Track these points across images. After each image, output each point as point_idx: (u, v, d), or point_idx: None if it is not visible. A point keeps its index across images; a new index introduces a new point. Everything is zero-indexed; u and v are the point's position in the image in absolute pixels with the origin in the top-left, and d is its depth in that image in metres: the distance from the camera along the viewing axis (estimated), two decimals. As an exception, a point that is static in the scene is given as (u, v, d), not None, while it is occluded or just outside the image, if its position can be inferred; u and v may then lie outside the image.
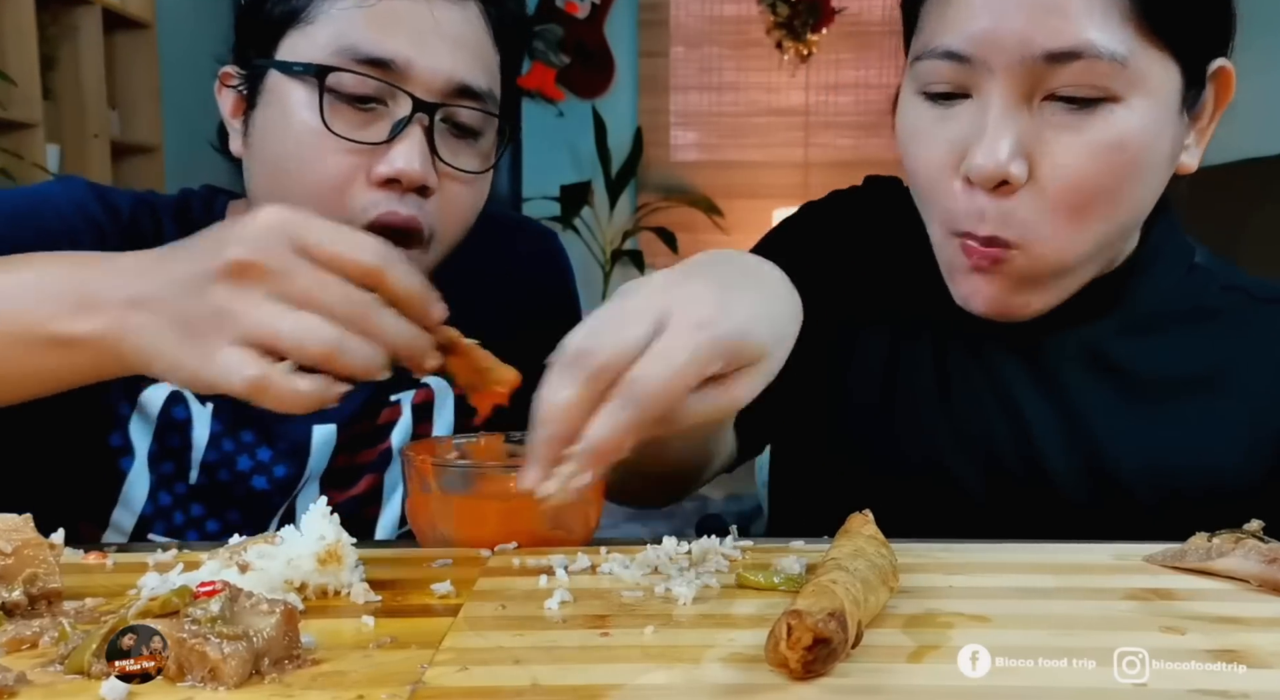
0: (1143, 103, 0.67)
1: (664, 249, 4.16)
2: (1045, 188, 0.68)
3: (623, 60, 4.35)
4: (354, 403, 0.86)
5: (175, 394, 0.83)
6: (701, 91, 4.38)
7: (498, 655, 0.46)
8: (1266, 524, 0.60)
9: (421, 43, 0.76)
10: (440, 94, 0.77)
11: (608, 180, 4.24)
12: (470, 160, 0.80)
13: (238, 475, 0.84)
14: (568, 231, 4.21)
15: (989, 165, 0.67)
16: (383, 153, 0.76)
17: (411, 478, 0.65)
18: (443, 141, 0.78)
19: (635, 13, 4.33)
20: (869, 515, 0.59)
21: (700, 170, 4.38)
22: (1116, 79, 0.66)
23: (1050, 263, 0.71)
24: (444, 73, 0.76)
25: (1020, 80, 0.67)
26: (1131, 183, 0.70)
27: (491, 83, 0.81)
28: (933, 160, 0.72)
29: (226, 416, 0.84)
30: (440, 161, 0.77)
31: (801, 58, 4.29)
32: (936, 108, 0.72)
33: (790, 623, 0.42)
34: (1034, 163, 0.68)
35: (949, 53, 0.69)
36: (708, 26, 4.35)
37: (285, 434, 0.85)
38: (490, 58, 0.81)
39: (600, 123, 4.20)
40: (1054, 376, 0.79)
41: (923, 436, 0.80)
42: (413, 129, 0.76)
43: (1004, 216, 0.69)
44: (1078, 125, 0.67)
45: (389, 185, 0.76)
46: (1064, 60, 0.65)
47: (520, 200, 4.38)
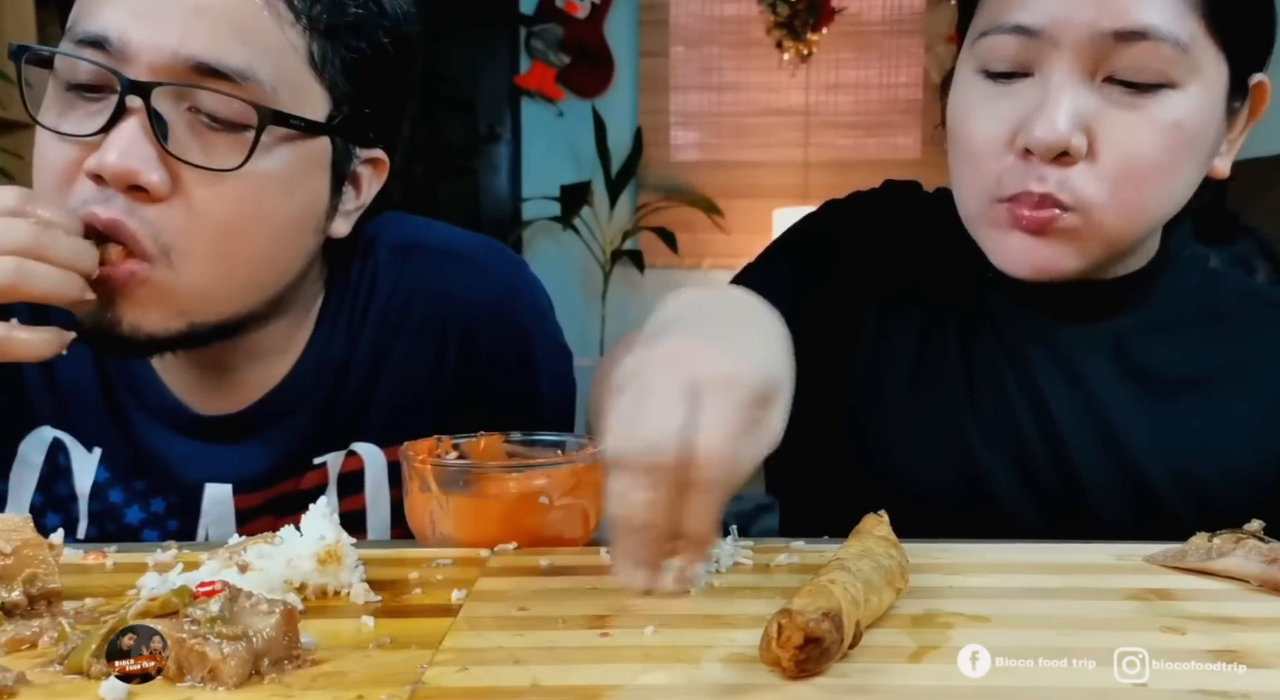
0: (1198, 91, 0.69)
1: (664, 249, 4.15)
2: (1103, 162, 0.70)
3: (623, 60, 4.35)
4: (254, 463, 0.79)
5: (58, 441, 0.78)
6: (701, 91, 4.37)
7: (498, 655, 0.46)
8: (1267, 524, 0.60)
9: (145, 15, 0.65)
10: (168, 73, 0.65)
11: (608, 180, 4.23)
12: (223, 156, 0.67)
13: (126, 528, 0.79)
14: (568, 231, 4.21)
15: (1049, 136, 0.69)
16: (101, 146, 0.65)
17: (411, 478, 0.65)
18: (189, 133, 0.66)
19: (635, 13, 4.32)
20: (884, 516, 0.59)
21: (700, 170, 4.38)
22: (1176, 65, 0.68)
23: (1105, 230, 0.72)
24: (169, 47, 0.64)
25: (1086, 57, 0.69)
26: (1184, 166, 0.72)
27: (255, 61, 0.66)
28: (988, 134, 0.73)
29: (116, 463, 0.78)
30: (172, 157, 0.65)
31: (801, 58, 4.28)
32: (996, 85, 0.73)
33: (781, 622, 0.42)
34: (1092, 139, 0.69)
35: (1019, 27, 0.70)
36: (708, 26, 4.34)
37: (178, 486, 0.79)
38: (262, 31, 0.67)
39: (600, 123, 4.20)
40: (1078, 369, 0.80)
41: (949, 430, 0.81)
42: (129, 117, 0.65)
43: (1062, 180, 0.70)
44: (1137, 107, 0.69)
45: (100, 182, 0.65)
46: (1130, 39, 0.67)
47: (520, 200, 4.38)
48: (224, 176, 0.67)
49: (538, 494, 0.64)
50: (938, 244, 0.83)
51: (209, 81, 0.66)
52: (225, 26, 0.66)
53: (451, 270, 0.86)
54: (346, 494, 0.83)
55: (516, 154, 4.41)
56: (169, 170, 0.66)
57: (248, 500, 0.80)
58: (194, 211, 0.67)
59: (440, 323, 0.84)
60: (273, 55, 0.67)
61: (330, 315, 0.82)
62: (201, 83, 0.65)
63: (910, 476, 0.80)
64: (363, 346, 0.83)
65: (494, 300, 0.86)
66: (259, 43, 0.67)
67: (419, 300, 0.84)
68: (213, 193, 0.67)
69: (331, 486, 0.82)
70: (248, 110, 0.66)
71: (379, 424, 0.83)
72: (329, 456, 0.82)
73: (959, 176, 0.77)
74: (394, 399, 0.83)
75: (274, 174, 0.69)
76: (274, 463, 0.80)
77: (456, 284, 0.85)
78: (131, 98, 0.65)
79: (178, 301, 0.68)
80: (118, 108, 0.65)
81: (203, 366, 0.78)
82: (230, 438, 0.80)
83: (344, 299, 0.83)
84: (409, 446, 0.67)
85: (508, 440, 0.71)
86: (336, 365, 0.82)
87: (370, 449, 0.83)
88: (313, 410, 0.81)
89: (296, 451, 0.81)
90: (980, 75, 0.74)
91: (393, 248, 0.85)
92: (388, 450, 0.83)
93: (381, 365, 0.83)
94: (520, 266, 0.91)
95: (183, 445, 0.79)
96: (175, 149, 0.66)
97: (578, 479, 0.64)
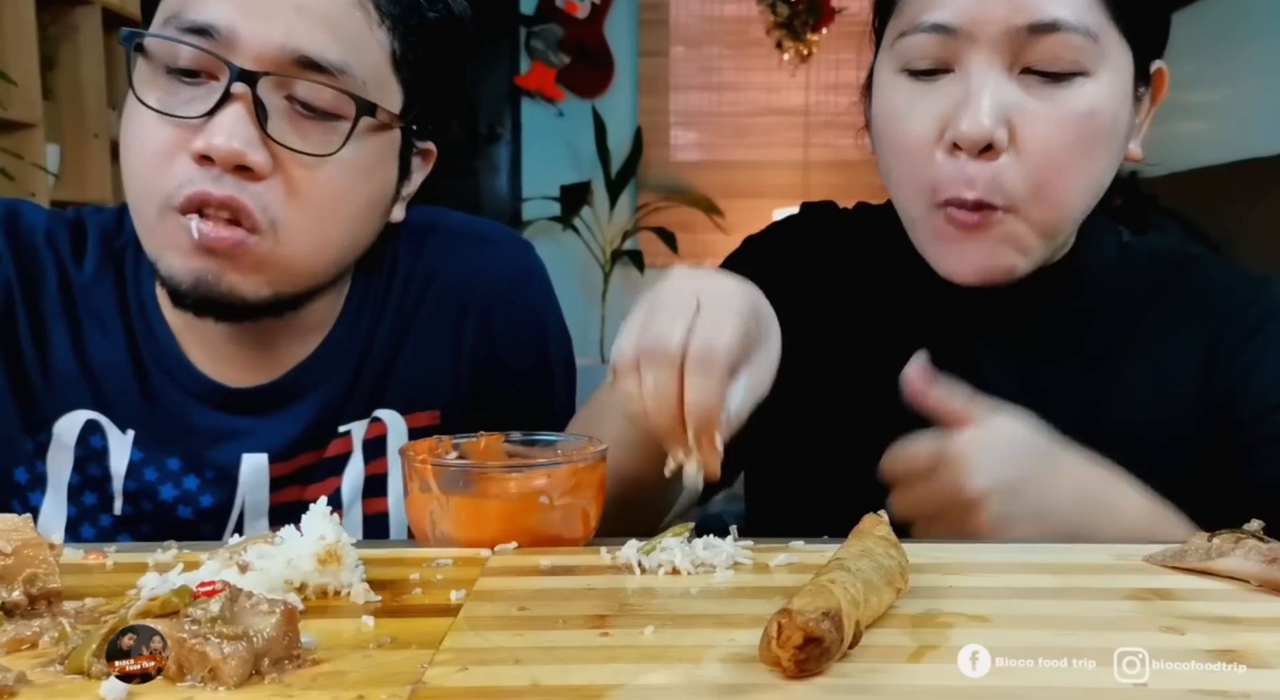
0: (1108, 79, 0.73)
1: (664, 249, 4.16)
2: (1026, 153, 0.73)
3: (623, 60, 4.35)
4: (285, 432, 0.84)
5: (91, 422, 0.81)
6: (701, 91, 4.38)
7: (498, 655, 0.46)
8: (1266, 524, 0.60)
9: (252, 8, 0.70)
10: (273, 64, 0.70)
11: (608, 180, 4.24)
12: (318, 142, 0.73)
13: (161, 505, 0.81)
14: (568, 231, 4.21)
15: (975, 130, 0.71)
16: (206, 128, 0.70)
17: (411, 478, 0.65)
18: (286, 120, 0.72)
19: (635, 13, 4.33)
20: (883, 516, 0.59)
21: (700, 170, 4.38)
22: (1087, 53, 0.72)
23: (1040, 224, 0.75)
24: (275, 41, 0.70)
25: (1003, 51, 0.72)
26: (1101, 152, 0.75)
27: (349, 56, 0.72)
28: (917, 133, 0.75)
29: (149, 443, 0.81)
30: (273, 141, 0.71)
31: (801, 58, 4.29)
32: (919, 83, 0.75)
33: (781, 622, 0.42)
34: (1014, 130, 0.72)
35: (936, 25, 0.73)
36: (708, 26, 4.35)
37: (212, 461, 0.82)
38: (355, 29, 0.73)
39: (600, 123, 4.20)
40: (1016, 358, 0.82)
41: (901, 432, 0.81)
42: (233, 102, 0.70)
43: (991, 181, 0.73)
44: (1054, 96, 0.73)
45: (206, 163, 0.70)
46: (1043, 32, 0.71)
47: (520, 200, 4.38)
48: (319, 160, 0.73)
49: (538, 494, 0.64)
50: (858, 262, 0.86)
51: (309, 73, 0.71)
52: (324, 24, 0.71)
53: (467, 250, 0.92)
54: (371, 458, 0.87)
55: (516, 154, 4.41)
56: (270, 153, 0.71)
57: (276, 470, 0.84)
58: (294, 191, 0.73)
59: (458, 298, 0.90)
60: (363, 52, 0.74)
61: (358, 293, 0.88)
62: (303, 74, 0.71)
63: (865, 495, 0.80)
64: (386, 321, 0.88)
65: (508, 277, 0.93)
66: (352, 40, 0.73)
67: (438, 278, 0.90)
68: (308, 174, 0.73)
69: (356, 452, 0.87)
70: (342, 101, 0.73)
71: (401, 392, 0.88)
72: (353, 425, 0.87)
73: (894, 179, 0.79)
74: (415, 369, 0.89)
75: (359, 160, 0.75)
76: (302, 433, 0.84)
77: (472, 262, 0.92)
78: (237, 85, 0.70)
79: (275, 270, 0.74)
80: (225, 94, 0.69)
81: (239, 342, 0.82)
82: (260, 410, 0.84)
83: (370, 278, 0.89)
84: (409, 446, 0.67)
85: (508, 440, 0.71)
86: (363, 339, 0.87)
87: (393, 415, 0.88)
88: (339, 382, 0.86)
89: (323, 422, 0.86)
90: (903, 74, 0.76)
91: (411, 230, 0.91)
92: (409, 417, 0.88)
93: (404, 338, 0.89)
94: (529, 247, 0.99)
95: (216, 418, 0.83)
96: (275, 134, 0.71)
97: (578, 479, 0.64)
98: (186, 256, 0.72)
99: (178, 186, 0.70)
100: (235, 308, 0.75)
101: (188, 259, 0.72)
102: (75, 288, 0.82)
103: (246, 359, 0.83)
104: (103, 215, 0.85)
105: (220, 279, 0.72)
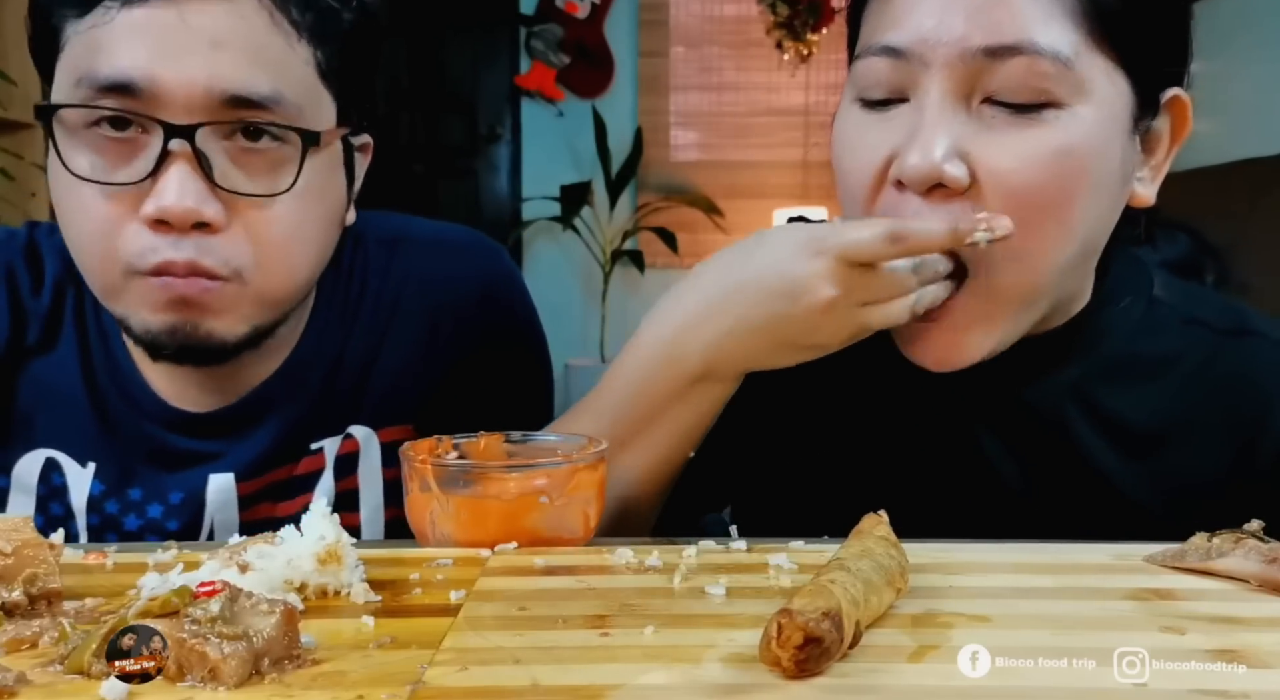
0: (1089, 112, 0.64)
1: (664, 249, 4.16)
2: (987, 195, 0.64)
3: (623, 60, 4.35)
4: (251, 451, 0.82)
5: (51, 460, 0.80)
6: (701, 91, 4.38)
7: (498, 655, 0.46)
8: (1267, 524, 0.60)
9: (166, 54, 0.65)
10: (204, 111, 0.67)
11: (608, 180, 4.23)
12: (266, 180, 0.70)
13: (127, 537, 0.80)
14: (568, 231, 4.21)
15: (923, 165, 0.63)
16: (151, 189, 0.67)
17: (411, 478, 0.65)
18: (230, 164, 0.69)
19: (635, 13, 4.33)
20: (883, 516, 0.58)
21: (700, 170, 4.38)
22: (1060, 82, 0.63)
23: (1009, 290, 0.67)
24: (200, 83, 0.66)
25: (959, 78, 0.64)
26: (1081, 197, 0.65)
27: (279, 83, 0.69)
28: (864, 167, 0.68)
29: (109, 474, 0.80)
30: (222, 190, 0.69)
31: (801, 58, 4.29)
32: (872, 114, 0.68)
33: (781, 622, 0.42)
34: (974, 168, 0.64)
35: (886, 48, 0.66)
36: (708, 26, 4.35)
37: (177, 486, 0.81)
38: (276, 53, 0.69)
39: (600, 123, 4.20)
40: (1026, 426, 0.76)
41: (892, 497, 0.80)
42: (174, 160, 0.67)
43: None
44: (1019, 128, 0.64)
45: (161, 227, 0.68)
46: (1003, 56, 0.63)
47: (520, 200, 4.38)
48: (269, 199, 0.71)
49: (538, 494, 0.64)
50: None
51: (243, 112, 0.68)
52: (245, 55, 0.68)
53: (438, 260, 0.91)
54: (343, 476, 0.86)
55: (516, 154, 4.41)
56: (221, 202, 0.69)
57: (244, 488, 0.82)
58: (254, 235, 0.71)
59: (430, 309, 0.89)
60: (290, 74, 0.70)
61: (323, 307, 0.86)
62: (236, 114, 0.68)
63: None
64: (357, 335, 0.87)
65: (480, 285, 0.91)
66: (276, 65, 0.69)
67: (409, 289, 0.89)
68: (264, 214, 0.71)
69: (328, 470, 0.85)
70: (284, 134, 0.70)
71: (374, 408, 0.87)
72: (325, 442, 0.85)
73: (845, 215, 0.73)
74: (389, 384, 0.87)
75: (310, 186, 0.73)
76: (268, 451, 0.83)
77: (443, 272, 0.90)
78: (174, 141, 0.66)
79: (250, 307, 0.73)
80: (163, 152, 0.67)
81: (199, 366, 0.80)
82: (225, 432, 0.82)
83: (335, 291, 0.87)
84: (409, 446, 0.67)
85: (508, 440, 0.71)
86: (331, 355, 0.85)
87: (365, 432, 0.86)
88: (308, 399, 0.84)
89: (292, 439, 0.84)
90: (858, 104, 0.69)
91: (379, 241, 0.89)
92: (381, 431, 0.87)
93: (376, 353, 0.87)
94: (501, 252, 0.97)
95: (179, 443, 0.81)
96: (223, 182, 0.69)
97: (578, 479, 0.64)
98: (159, 310, 0.70)
99: (139, 255, 0.69)
100: (215, 351, 0.73)
101: (161, 313, 0.71)
102: (30, 321, 0.80)
103: (209, 383, 0.81)
104: (57, 237, 0.80)
105: (198, 326, 0.72)
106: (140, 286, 0.70)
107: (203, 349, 0.73)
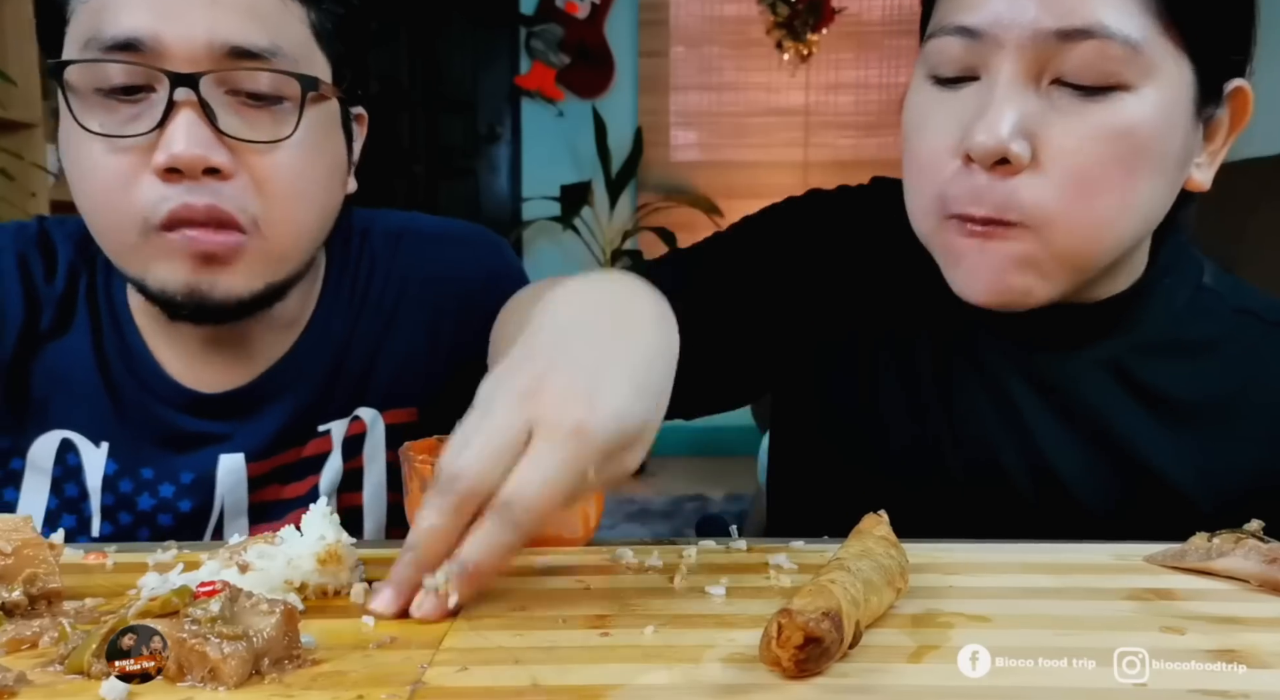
0: (1154, 94, 0.66)
1: (664, 249, 4.15)
2: (1048, 171, 0.66)
3: (623, 60, 4.35)
4: (262, 433, 0.84)
5: (66, 441, 0.81)
6: (701, 91, 4.37)
7: (498, 655, 0.46)
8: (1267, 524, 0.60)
9: (168, 12, 0.69)
10: (207, 62, 0.70)
11: (608, 180, 4.23)
12: (269, 129, 0.73)
13: (140, 516, 0.82)
14: (568, 231, 4.21)
15: (990, 141, 0.65)
16: (159, 141, 0.70)
17: (411, 477, 0.65)
18: (233, 114, 0.72)
19: (635, 13, 4.32)
20: (883, 516, 0.58)
21: (700, 170, 4.38)
22: (1128, 65, 0.65)
23: (1064, 251, 0.68)
24: (201, 38, 0.69)
25: (1030, 59, 0.66)
26: (1141, 174, 0.67)
27: (278, 37, 0.72)
28: (935, 142, 0.70)
29: (123, 453, 0.82)
30: (227, 137, 0.71)
31: (801, 58, 4.29)
32: (944, 91, 0.70)
33: (781, 622, 0.42)
34: (1037, 147, 0.66)
35: (960, 28, 0.67)
36: (708, 26, 4.35)
37: (189, 466, 0.82)
38: (272, 10, 0.73)
39: (600, 123, 4.20)
40: (1063, 393, 0.77)
41: (924, 445, 0.80)
42: (180, 109, 0.69)
43: (1004, 198, 0.67)
44: (1085, 111, 0.66)
45: (173, 176, 0.70)
46: (1075, 39, 0.64)
47: (520, 200, 4.38)
48: (274, 146, 0.73)
49: (538, 494, 0.63)
50: (918, 249, 0.78)
51: (244, 62, 0.71)
52: (243, 10, 0.71)
53: (442, 251, 0.93)
54: (350, 457, 0.88)
55: (516, 154, 4.41)
56: (228, 149, 0.71)
57: (254, 469, 0.84)
58: (260, 183, 0.73)
59: (434, 298, 0.91)
60: (286, 31, 0.73)
61: (331, 293, 0.88)
62: (238, 65, 0.71)
63: (894, 491, 0.77)
64: (364, 323, 0.89)
65: (482, 277, 0.93)
66: (273, 21, 0.72)
67: (414, 278, 0.91)
68: (268, 162, 0.73)
69: (335, 452, 0.87)
70: (281, 83, 0.72)
71: (380, 390, 0.89)
72: (333, 424, 0.87)
73: (909, 192, 0.74)
74: (395, 369, 0.89)
75: (309, 138, 0.75)
76: (278, 433, 0.84)
77: (447, 263, 0.93)
78: (180, 91, 0.69)
79: (264, 262, 0.75)
80: (169, 103, 0.69)
81: (214, 346, 0.82)
82: (236, 413, 0.84)
83: (343, 279, 0.89)
84: (409, 446, 0.67)
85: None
86: (339, 340, 0.88)
87: (371, 413, 0.88)
88: (316, 382, 0.86)
89: (301, 421, 0.85)
90: (930, 81, 0.71)
91: (385, 234, 0.92)
92: (386, 413, 0.89)
93: (383, 338, 0.90)
94: (503, 245, 0.99)
95: (191, 424, 0.83)
96: (228, 130, 0.71)
97: (578, 479, 0.64)
98: (179, 268, 0.72)
99: (153, 206, 0.70)
100: (230, 309, 0.75)
101: (180, 270, 0.72)
102: (45, 306, 0.82)
103: (221, 363, 0.83)
104: (68, 225, 0.84)
105: (215, 285, 0.73)
106: (158, 242, 0.71)
107: (219, 307, 0.74)
